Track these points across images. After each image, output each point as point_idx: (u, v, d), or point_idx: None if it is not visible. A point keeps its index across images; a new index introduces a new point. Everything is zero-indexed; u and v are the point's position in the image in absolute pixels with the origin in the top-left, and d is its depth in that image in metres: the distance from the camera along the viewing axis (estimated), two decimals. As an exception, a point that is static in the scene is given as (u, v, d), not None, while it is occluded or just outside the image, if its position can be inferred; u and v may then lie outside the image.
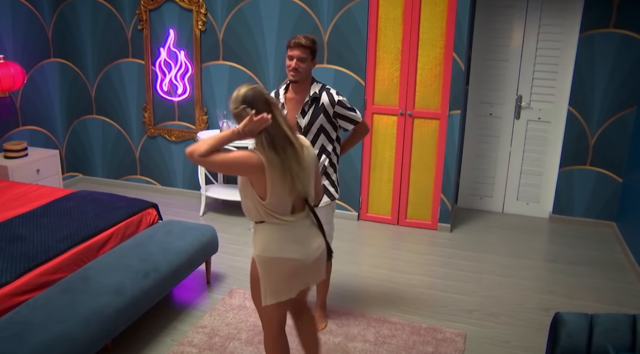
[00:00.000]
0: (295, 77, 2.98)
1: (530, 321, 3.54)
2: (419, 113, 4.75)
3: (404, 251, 4.54)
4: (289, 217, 2.36)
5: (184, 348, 3.13)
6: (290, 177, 2.28)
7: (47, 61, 5.59)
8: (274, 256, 2.35)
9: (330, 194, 3.17)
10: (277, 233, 2.36)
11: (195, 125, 5.44)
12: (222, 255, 4.21)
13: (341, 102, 3.05)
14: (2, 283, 2.80)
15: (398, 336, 3.30)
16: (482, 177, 5.45)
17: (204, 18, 5.12)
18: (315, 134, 3.06)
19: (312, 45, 2.97)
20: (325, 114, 3.03)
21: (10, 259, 3.00)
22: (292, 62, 2.95)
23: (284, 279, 2.39)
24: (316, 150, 3.07)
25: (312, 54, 2.99)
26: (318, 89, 3.05)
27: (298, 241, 2.39)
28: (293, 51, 2.94)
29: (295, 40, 2.95)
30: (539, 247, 4.74)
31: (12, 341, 2.45)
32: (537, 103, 5.12)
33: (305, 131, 3.05)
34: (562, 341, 2.38)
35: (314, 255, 2.42)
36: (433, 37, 4.57)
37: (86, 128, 5.90)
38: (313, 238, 2.44)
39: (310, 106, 3.04)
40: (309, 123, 3.04)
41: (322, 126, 3.05)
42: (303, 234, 2.41)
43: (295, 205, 2.38)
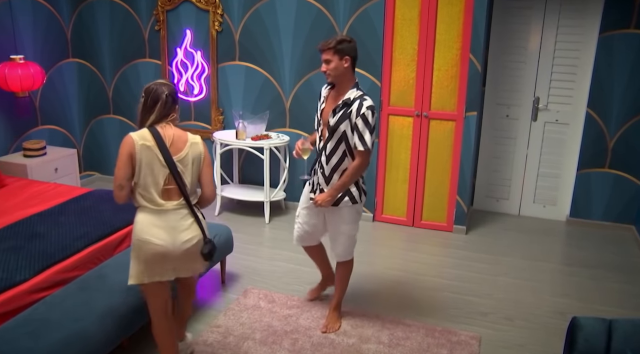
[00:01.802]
0: (328, 78, 3.07)
1: (546, 324, 3.50)
2: (435, 114, 4.73)
3: (419, 252, 4.52)
4: (159, 203, 2.54)
5: (198, 347, 3.15)
6: (159, 165, 2.52)
7: (66, 61, 5.65)
8: (138, 237, 2.55)
9: (352, 196, 3.16)
10: (145, 217, 2.55)
11: (211, 125, 5.47)
12: (236, 255, 4.23)
13: (364, 116, 2.99)
14: (21, 280, 2.84)
15: (412, 338, 3.29)
16: (498, 179, 5.41)
17: (220, 19, 5.14)
18: (339, 138, 3.08)
19: (335, 45, 2.97)
20: (349, 121, 3.02)
21: (28, 256, 3.04)
22: (322, 67, 3.05)
23: (145, 263, 2.55)
24: (339, 152, 3.09)
25: (339, 54, 2.98)
26: (353, 96, 3.04)
27: (164, 228, 2.54)
28: (321, 55, 3.03)
29: (321, 44, 3.04)
30: (555, 250, 4.69)
31: (30, 338, 2.48)
32: (554, 105, 5.07)
33: (331, 130, 3.08)
34: (580, 345, 2.35)
35: (182, 246, 2.57)
36: (449, 38, 4.55)
37: (103, 128, 5.96)
38: (184, 230, 2.58)
39: (341, 108, 3.05)
40: (335, 125, 3.06)
41: (345, 131, 3.05)
42: (173, 223, 2.56)
43: (169, 193, 2.56)
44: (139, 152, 2.52)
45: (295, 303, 3.65)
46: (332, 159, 3.12)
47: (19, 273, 2.88)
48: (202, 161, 2.66)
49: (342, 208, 3.17)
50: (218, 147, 5.07)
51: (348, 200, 3.15)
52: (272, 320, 3.44)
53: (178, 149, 2.59)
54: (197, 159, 2.64)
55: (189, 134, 2.67)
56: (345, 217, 3.20)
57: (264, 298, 3.70)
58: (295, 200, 5.36)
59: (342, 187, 3.10)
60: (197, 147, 2.65)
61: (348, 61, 3.01)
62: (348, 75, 3.05)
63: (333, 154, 3.11)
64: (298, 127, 5.18)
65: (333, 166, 3.14)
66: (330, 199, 3.12)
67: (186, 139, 2.63)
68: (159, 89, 2.58)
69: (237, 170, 5.52)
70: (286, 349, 3.14)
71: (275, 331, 3.32)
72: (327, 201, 3.11)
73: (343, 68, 3.01)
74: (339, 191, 3.12)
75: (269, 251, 4.51)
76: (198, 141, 2.66)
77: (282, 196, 5.26)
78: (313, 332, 3.32)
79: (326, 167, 3.15)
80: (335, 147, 3.09)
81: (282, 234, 4.84)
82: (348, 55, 3.00)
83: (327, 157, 3.13)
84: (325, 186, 3.18)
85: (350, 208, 3.19)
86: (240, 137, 4.95)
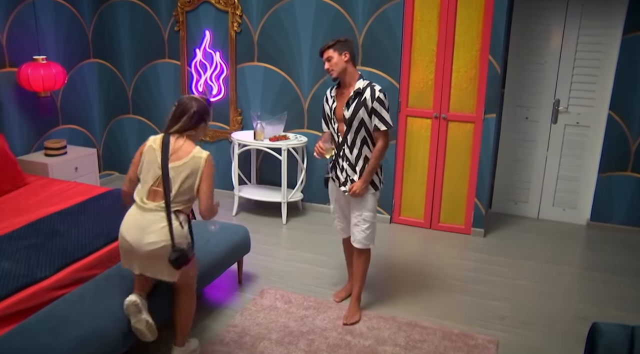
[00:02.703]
0: (332, 75, 3.26)
1: (565, 330, 3.45)
2: (453, 116, 4.70)
3: (437, 255, 4.49)
4: (144, 201, 2.71)
5: (214, 346, 3.16)
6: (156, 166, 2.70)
7: (87, 62, 5.72)
8: (120, 229, 2.77)
9: (374, 183, 3.34)
10: (130, 211, 2.77)
11: (229, 125, 5.49)
12: (254, 255, 4.23)
13: (380, 99, 3.19)
14: (41, 277, 2.88)
15: (429, 341, 3.27)
16: (517, 182, 5.36)
17: (239, 19, 5.16)
18: (357, 127, 3.24)
19: (333, 44, 3.20)
20: (365, 107, 3.19)
21: (49, 254, 3.08)
22: (325, 66, 3.26)
23: (120, 252, 2.81)
24: (358, 142, 3.27)
25: (337, 50, 3.20)
26: (363, 85, 3.23)
27: (136, 226, 2.69)
28: (323, 56, 3.26)
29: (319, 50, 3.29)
30: (575, 254, 4.63)
31: (50, 334, 2.51)
32: (575, 107, 5.00)
33: (348, 122, 3.24)
34: (600, 352, 2.32)
35: (145, 247, 2.67)
36: (469, 40, 4.52)
37: (123, 128, 6.02)
38: (152, 233, 2.66)
39: (353, 99, 3.22)
40: (351, 115, 3.22)
41: (363, 119, 3.21)
42: (145, 223, 2.68)
43: (155, 194, 2.71)
44: (146, 151, 2.77)
45: (312, 303, 3.65)
46: (354, 149, 3.29)
47: (40, 270, 2.92)
48: (199, 176, 2.72)
49: (367, 196, 3.34)
50: (236, 147, 5.09)
51: (371, 187, 3.34)
52: (289, 321, 3.44)
53: (177, 157, 2.72)
54: (194, 172, 2.71)
55: (198, 148, 2.76)
56: (369, 204, 3.37)
57: (281, 298, 3.70)
58: (312, 201, 5.38)
59: (373, 171, 3.29)
60: (198, 161, 2.72)
61: (347, 56, 3.21)
62: (350, 68, 3.25)
63: (354, 145, 3.29)
64: (316, 128, 5.19)
65: (357, 155, 3.30)
66: (365, 185, 3.29)
67: (190, 150, 2.73)
68: (189, 104, 2.77)
69: (255, 170, 5.53)
70: (302, 350, 3.14)
71: (291, 332, 3.32)
72: (362, 187, 3.29)
73: (343, 62, 3.22)
74: (371, 176, 3.30)
75: (286, 251, 4.51)
76: (202, 156, 2.73)
77: (300, 197, 5.27)
78: (329, 333, 3.32)
79: (351, 158, 3.31)
80: (355, 136, 3.26)
81: (299, 234, 4.84)
82: (346, 50, 3.21)
83: (350, 148, 3.30)
84: (355, 175, 3.32)
85: (373, 195, 3.37)
86: (258, 138, 4.96)
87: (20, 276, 2.84)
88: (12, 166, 4.27)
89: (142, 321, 2.71)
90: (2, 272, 2.86)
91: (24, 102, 4.97)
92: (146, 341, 2.80)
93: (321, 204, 5.37)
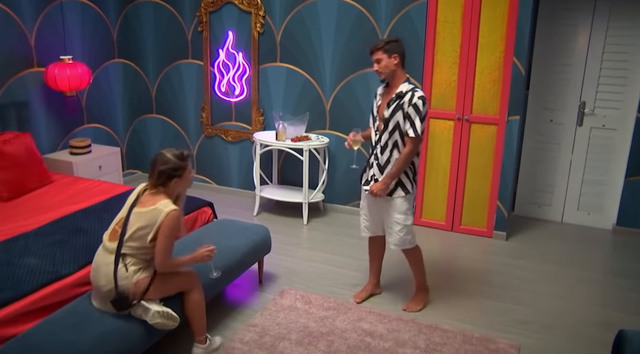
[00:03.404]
0: (381, 77, 3.32)
1: (589, 336, 3.39)
2: (476, 118, 4.66)
3: (458, 257, 4.45)
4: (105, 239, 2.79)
5: (234, 344, 3.17)
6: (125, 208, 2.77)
7: (112, 62, 5.80)
8: None
9: (404, 187, 3.34)
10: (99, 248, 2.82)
11: (251, 126, 5.51)
12: (274, 255, 4.24)
13: (416, 105, 3.21)
14: (65, 273, 2.92)
15: (449, 344, 3.24)
16: (540, 185, 5.29)
17: (262, 20, 5.18)
18: (392, 129, 3.28)
19: (383, 46, 3.23)
20: (402, 111, 3.24)
21: (73, 251, 3.12)
22: (374, 66, 3.30)
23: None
24: (390, 144, 3.31)
25: (387, 53, 3.23)
26: (406, 89, 3.26)
27: (94, 267, 2.76)
28: (372, 57, 3.29)
29: (370, 47, 3.31)
30: (600, 259, 4.55)
31: (73, 331, 2.54)
32: (601, 109, 4.92)
33: (385, 122, 3.30)
34: (626, 359, 2.28)
35: (100, 291, 2.71)
36: (493, 41, 4.47)
37: (146, 127, 6.08)
38: (102, 275, 2.70)
39: (394, 101, 3.27)
40: (389, 117, 3.27)
41: (398, 122, 3.26)
42: (99, 264, 2.74)
43: (114, 234, 2.75)
44: (131, 194, 2.86)
45: (332, 304, 3.64)
46: (386, 150, 3.33)
47: (64, 267, 2.97)
48: (155, 228, 2.67)
49: (395, 199, 3.37)
50: (258, 147, 5.11)
51: (400, 190, 3.35)
52: (308, 321, 3.44)
53: (143, 205, 2.74)
54: (151, 224, 2.67)
55: (165, 202, 2.71)
56: (398, 207, 3.38)
57: (301, 298, 3.71)
58: (334, 202, 5.38)
59: (395, 175, 3.30)
60: (158, 214, 2.68)
61: (397, 58, 3.25)
62: (398, 71, 3.29)
63: (387, 146, 3.32)
64: (338, 129, 5.18)
65: (387, 157, 3.33)
66: (384, 187, 3.31)
67: (156, 202, 2.71)
68: (160, 161, 2.76)
69: (277, 171, 5.55)
70: (322, 351, 3.14)
71: (311, 332, 3.32)
72: (381, 189, 3.31)
73: (393, 65, 3.26)
74: (392, 179, 3.31)
75: (307, 252, 4.52)
76: (163, 210, 2.68)
77: (321, 198, 5.27)
78: (349, 334, 3.31)
79: (381, 158, 3.36)
80: (389, 138, 3.30)
81: (320, 235, 4.84)
82: (396, 53, 3.24)
83: (382, 149, 3.34)
84: (380, 175, 3.36)
85: (403, 198, 3.37)
86: (280, 138, 4.98)
87: (45, 272, 2.89)
88: (38, 164, 4.35)
89: (155, 315, 2.72)
90: (28, 268, 2.92)
91: (50, 101, 5.06)
92: (172, 329, 2.82)
93: (342, 205, 5.36)
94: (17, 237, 3.29)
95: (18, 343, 2.46)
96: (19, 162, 4.17)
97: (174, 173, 2.74)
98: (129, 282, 2.69)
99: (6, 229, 3.45)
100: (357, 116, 5.04)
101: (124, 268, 2.69)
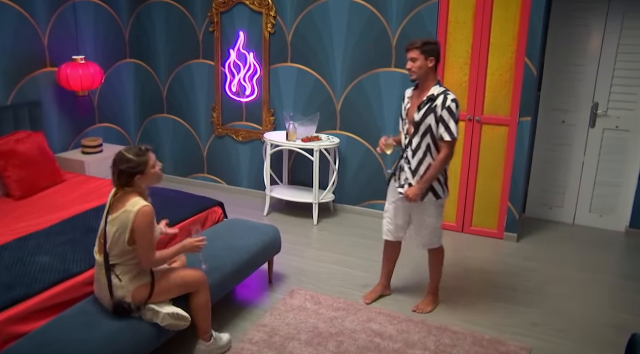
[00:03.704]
0: (412, 77, 3.24)
1: (601, 340, 3.36)
2: (487, 119, 4.63)
3: (468, 259, 4.43)
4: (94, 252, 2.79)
5: (244, 344, 3.18)
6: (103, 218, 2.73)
7: (123, 62, 5.83)
8: None
9: (435, 191, 3.33)
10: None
11: (262, 126, 5.52)
12: (284, 255, 4.24)
13: (450, 108, 3.17)
14: (77, 272, 2.94)
15: (459, 346, 3.23)
16: (552, 186, 5.25)
17: (273, 20, 5.19)
18: (423, 132, 3.24)
19: (421, 46, 3.16)
20: (434, 114, 3.19)
21: (84, 250, 3.14)
22: (407, 65, 3.22)
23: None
24: (422, 147, 3.27)
25: (424, 53, 3.16)
26: (437, 92, 3.22)
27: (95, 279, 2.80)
28: (407, 53, 3.21)
29: (407, 44, 3.23)
30: (613, 262, 4.51)
31: (85, 329, 2.56)
32: (615, 110, 4.88)
33: (416, 125, 3.25)
34: (638, 362, 2.25)
35: (103, 301, 2.74)
36: (504, 41, 4.45)
37: (157, 126, 6.11)
38: (102, 289, 2.72)
39: (425, 104, 3.22)
40: (420, 120, 3.23)
41: (430, 125, 3.21)
42: (96, 278, 2.76)
43: (100, 246, 2.72)
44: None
45: (342, 305, 3.64)
46: (418, 153, 3.29)
47: (76, 265, 2.99)
48: (129, 230, 2.62)
49: (426, 203, 3.35)
50: (268, 147, 5.12)
51: (432, 195, 3.33)
52: (318, 321, 3.44)
53: (114, 210, 2.68)
54: (123, 226, 2.62)
55: (133, 201, 2.65)
56: (428, 210, 3.39)
57: (310, 299, 3.71)
58: (344, 202, 5.37)
59: (431, 179, 3.27)
60: (128, 216, 2.62)
61: (432, 61, 3.20)
62: (431, 74, 3.24)
63: (418, 149, 3.28)
64: (348, 130, 5.18)
65: (419, 160, 3.30)
66: (419, 192, 3.28)
67: (125, 203, 2.65)
68: (116, 162, 2.73)
69: (287, 171, 5.55)
70: (331, 351, 3.13)
71: (320, 333, 3.32)
72: (417, 194, 3.28)
73: (427, 67, 3.20)
74: (428, 183, 3.28)
75: (317, 252, 4.52)
76: (132, 210, 2.62)
77: (331, 198, 5.26)
78: (358, 335, 3.30)
79: (412, 162, 3.32)
80: (420, 141, 3.26)
81: (329, 236, 4.84)
82: (433, 56, 3.19)
83: (413, 152, 3.30)
84: (412, 179, 3.33)
85: (434, 203, 3.37)
86: (290, 139, 4.98)
87: (57, 271, 2.91)
88: (50, 163, 4.38)
89: (166, 317, 2.73)
90: (40, 266, 2.94)
91: (62, 101, 5.09)
92: (183, 329, 2.84)
93: (352, 205, 5.35)
94: (29, 236, 3.32)
95: (31, 340, 2.48)
96: (31, 161, 4.20)
97: (134, 171, 2.68)
98: (126, 291, 2.69)
99: (19, 228, 3.48)
100: (368, 116, 5.04)
101: (117, 279, 2.68)
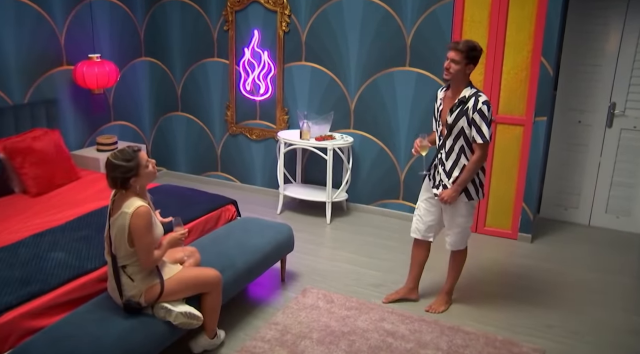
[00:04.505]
0: (446, 76, 3.22)
1: (616, 343, 3.33)
2: (502, 119, 4.60)
3: (481, 259, 4.40)
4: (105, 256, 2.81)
5: (256, 342, 3.19)
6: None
7: (139, 60, 5.87)
8: None
9: (468, 192, 3.33)
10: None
11: (276, 124, 5.53)
12: (297, 254, 4.25)
13: (482, 111, 3.16)
14: (91, 268, 2.97)
15: (472, 347, 3.21)
16: (567, 187, 5.20)
17: (287, 19, 5.19)
18: (456, 135, 3.25)
19: (466, 50, 3.13)
20: (466, 117, 3.19)
21: (98, 247, 3.16)
22: (446, 63, 3.20)
23: None
24: (456, 149, 3.27)
25: (467, 59, 3.15)
26: (469, 94, 3.21)
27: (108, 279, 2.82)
28: (449, 53, 3.18)
29: (453, 42, 3.22)
30: (629, 264, 4.46)
31: (99, 325, 2.58)
32: (633, 111, 4.82)
33: (449, 128, 3.26)
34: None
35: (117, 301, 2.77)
36: (520, 40, 4.41)
37: (171, 124, 6.14)
38: (113, 290, 2.76)
39: (457, 106, 3.22)
40: (452, 123, 3.23)
41: (463, 128, 3.21)
42: (109, 278, 2.79)
43: (107, 250, 2.74)
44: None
45: (354, 304, 3.63)
46: (452, 155, 3.29)
47: (90, 262, 3.02)
48: (125, 233, 2.63)
49: (458, 203, 3.35)
50: (282, 146, 5.13)
51: (464, 196, 3.33)
52: (330, 320, 3.44)
53: (114, 213, 2.69)
54: (121, 229, 2.63)
55: (128, 202, 2.64)
56: (460, 211, 3.39)
57: (323, 298, 3.71)
58: (357, 201, 5.37)
59: (466, 181, 3.27)
60: (124, 217, 2.62)
61: (471, 69, 3.21)
62: (465, 78, 3.24)
63: (452, 151, 3.29)
64: (362, 129, 5.17)
65: (453, 162, 3.30)
66: (455, 194, 3.28)
67: (121, 206, 2.65)
68: (108, 167, 2.71)
69: (300, 170, 5.56)
70: (343, 351, 3.13)
71: (332, 332, 3.31)
72: (452, 196, 3.29)
73: (464, 72, 3.19)
74: (462, 186, 3.28)
75: (330, 251, 4.52)
76: (128, 211, 2.62)
77: (344, 197, 5.26)
78: (371, 334, 3.30)
79: (447, 164, 3.32)
80: (454, 143, 3.27)
81: (343, 235, 4.83)
82: (473, 64, 3.19)
83: (447, 154, 3.31)
84: (447, 180, 3.32)
85: (467, 203, 3.36)
86: (304, 137, 4.98)
87: (72, 267, 2.94)
88: (66, 161, 4.42)
89: (179, 316, 2.76)
90: (56, 262, 2.97)
91: (78, 99, 5.14)
92: (195, 327, 2.87)
93: (366, 204, 5.34)
94: (45, 232, 3.36)
95: (46, 335, 2.51)
96: (47, 158, 4.25)
97: (128, 175, 2.66)
98: (140, 290, 2.72)
99: (35, 224, 3.52)
100: (382, 116, 5.02)
101: (129, 279, 2.71)
